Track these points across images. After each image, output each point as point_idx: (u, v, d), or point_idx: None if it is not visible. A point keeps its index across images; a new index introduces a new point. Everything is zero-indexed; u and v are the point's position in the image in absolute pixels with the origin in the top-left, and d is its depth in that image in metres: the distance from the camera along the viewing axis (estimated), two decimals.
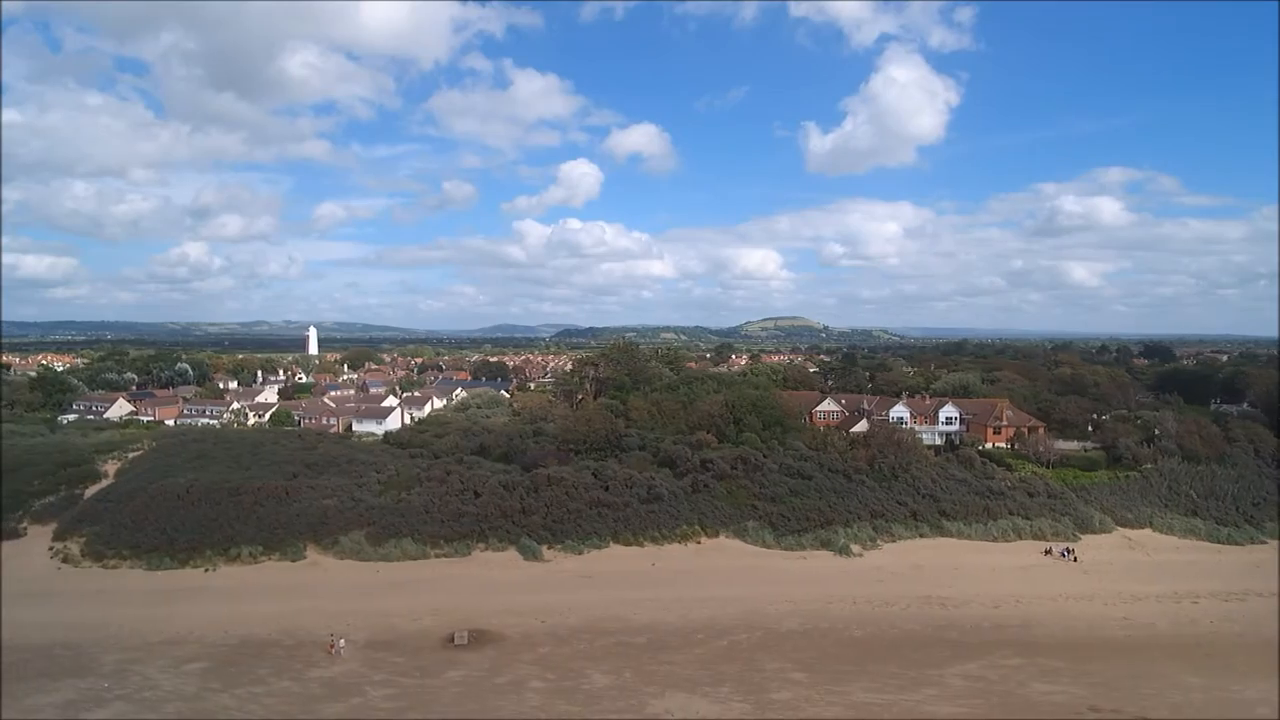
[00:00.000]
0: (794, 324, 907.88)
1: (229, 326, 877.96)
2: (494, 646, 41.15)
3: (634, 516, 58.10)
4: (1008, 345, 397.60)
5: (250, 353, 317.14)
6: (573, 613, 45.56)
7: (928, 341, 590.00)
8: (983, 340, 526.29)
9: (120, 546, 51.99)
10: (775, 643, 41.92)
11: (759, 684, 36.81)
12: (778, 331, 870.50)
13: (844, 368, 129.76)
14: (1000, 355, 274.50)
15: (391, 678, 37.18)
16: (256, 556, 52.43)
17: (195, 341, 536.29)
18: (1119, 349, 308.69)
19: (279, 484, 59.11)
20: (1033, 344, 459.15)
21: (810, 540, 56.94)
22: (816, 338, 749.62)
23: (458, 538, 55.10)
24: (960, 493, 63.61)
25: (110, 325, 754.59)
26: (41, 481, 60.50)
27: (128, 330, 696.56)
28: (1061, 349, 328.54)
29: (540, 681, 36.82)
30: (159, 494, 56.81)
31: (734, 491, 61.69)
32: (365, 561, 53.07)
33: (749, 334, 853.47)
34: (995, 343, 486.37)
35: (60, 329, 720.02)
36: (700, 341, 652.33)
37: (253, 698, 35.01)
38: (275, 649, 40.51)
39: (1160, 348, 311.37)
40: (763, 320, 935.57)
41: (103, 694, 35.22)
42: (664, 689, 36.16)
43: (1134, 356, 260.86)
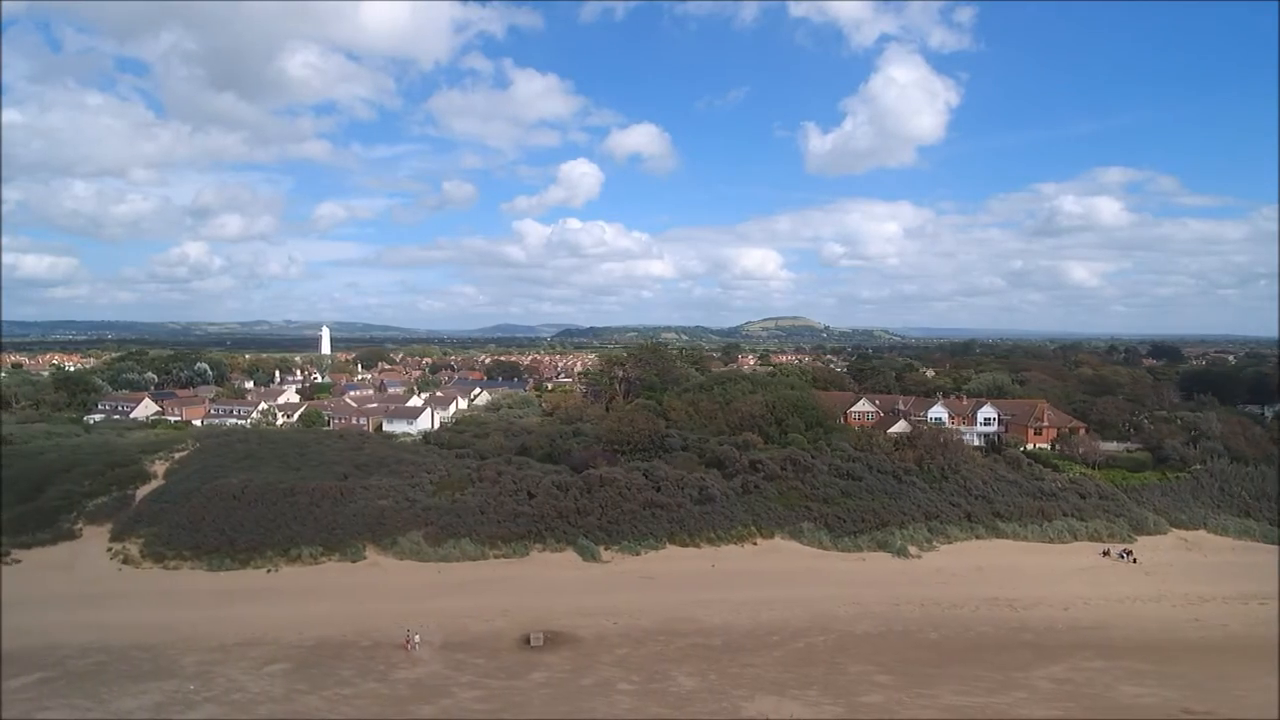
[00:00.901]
0: (795, 324, 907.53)
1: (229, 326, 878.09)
2: (570, 648, 40.94)
3: (688, 518, 57.88)
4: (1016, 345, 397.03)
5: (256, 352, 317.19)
6: (642, 614, 45.35)
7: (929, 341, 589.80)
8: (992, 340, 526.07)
9: (180, 547, 51.82)
10: (852, 645, 41.69)
11: (846, 687, 36.57)
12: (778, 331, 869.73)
13: (873, 368, 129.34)
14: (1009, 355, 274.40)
15: (477, 679, 36.99)
16: (317, 557, 52.24)
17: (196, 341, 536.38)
18: (1127, 349, 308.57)
19: (333, 484, 58.92)
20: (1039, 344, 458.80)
21: (866, 542, 56.68)
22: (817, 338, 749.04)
23: (515, 538, 54.91)
24: (1012, 494, 63.33)
25: (110, 325, 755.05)
26: (92, 482, 60.28)
27: (128, 330, 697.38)
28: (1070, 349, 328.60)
29: (627, 684, 36.60)
30: (214, 494, 56.64)
31: (785, 493, 61.44)
32: (425, 562, 52.89)
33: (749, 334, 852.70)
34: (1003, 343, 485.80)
35: (61, 328, 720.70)
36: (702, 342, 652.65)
37: (343, 699, 34.82)
38: (353, 650, 40.34)
39: (1168, 348, 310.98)
40: (763, 320, 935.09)
41: (190, 696, 35.03)
42: (752, 691, 35.95)
43: (1142, 357, 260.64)
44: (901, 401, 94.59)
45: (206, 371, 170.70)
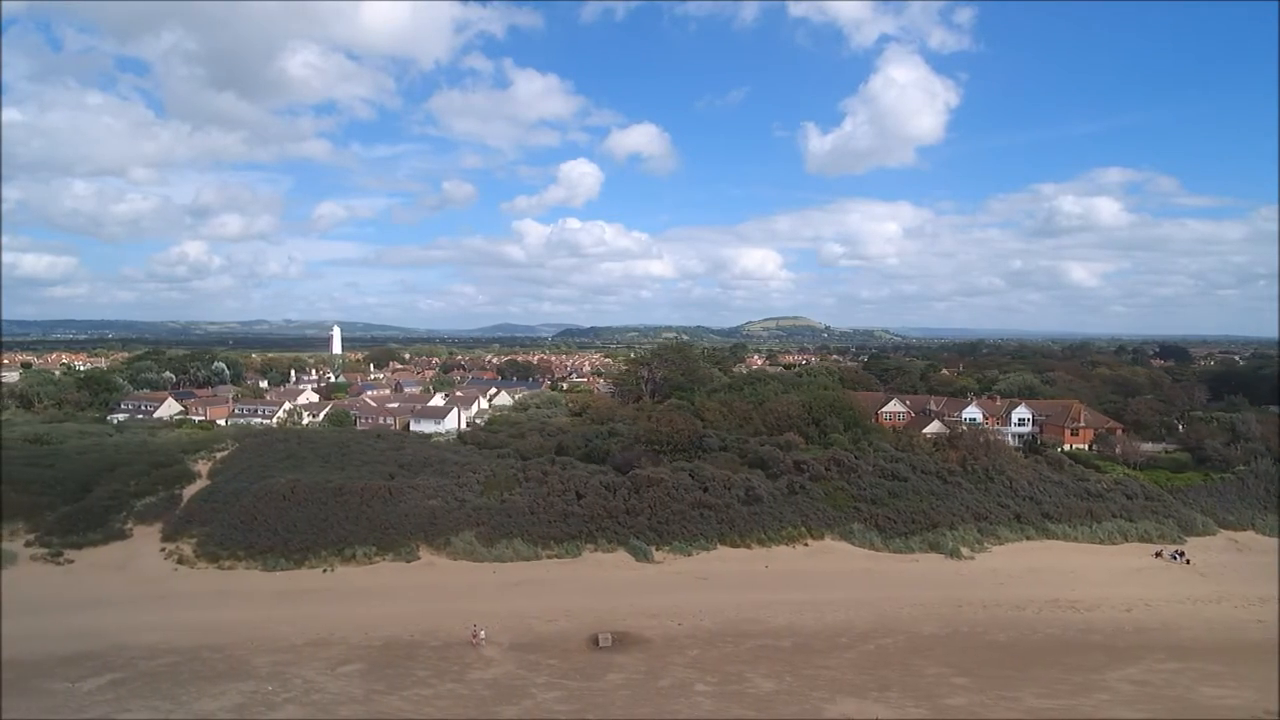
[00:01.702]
0: (795, 324, 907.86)
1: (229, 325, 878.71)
2: (640, 649, 40.74)
3: (737, 518, 57.68)
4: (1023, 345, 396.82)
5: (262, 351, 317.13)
6: (704, 615, 45.14)
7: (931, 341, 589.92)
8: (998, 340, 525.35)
9: (234, 547, 51.66)
10: (922, 647, 41.44)
11: (926, 690, 36.33)
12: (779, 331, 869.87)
13: (899, 369, 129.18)
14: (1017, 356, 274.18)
15: (553, 680, 36.78)
16: (371, 557, 52.10)
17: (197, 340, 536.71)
18: (1135, 350, 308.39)
19: (381, 484, 58.76)
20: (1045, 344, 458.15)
21: (918, 543, 56.44)
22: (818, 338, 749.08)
23: (567, 538, 54.74)
24: (1059, 495, 63.09)
25: (110, 324, 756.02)
26: (138, 481, 60.19)
27: (128, 329, 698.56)
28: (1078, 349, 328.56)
29: (704, 685, 36.39)
30: (264, 494, 56.48)
31: (832, 493, 61.22)
32: (479, 562, 52.74)
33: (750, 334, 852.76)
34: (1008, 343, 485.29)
35: (60, 327, 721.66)
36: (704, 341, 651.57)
37: (424, 700, 34.65)
38: (423, 650, 40.17)
39: (1176, 349, 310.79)
40: (764, 320, 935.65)
41: (270, 697, 34.87)
42: (831, 694, 35.73)
43: (1150, 357, 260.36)
44: (933, 402, 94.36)
45: (223, 371, 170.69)
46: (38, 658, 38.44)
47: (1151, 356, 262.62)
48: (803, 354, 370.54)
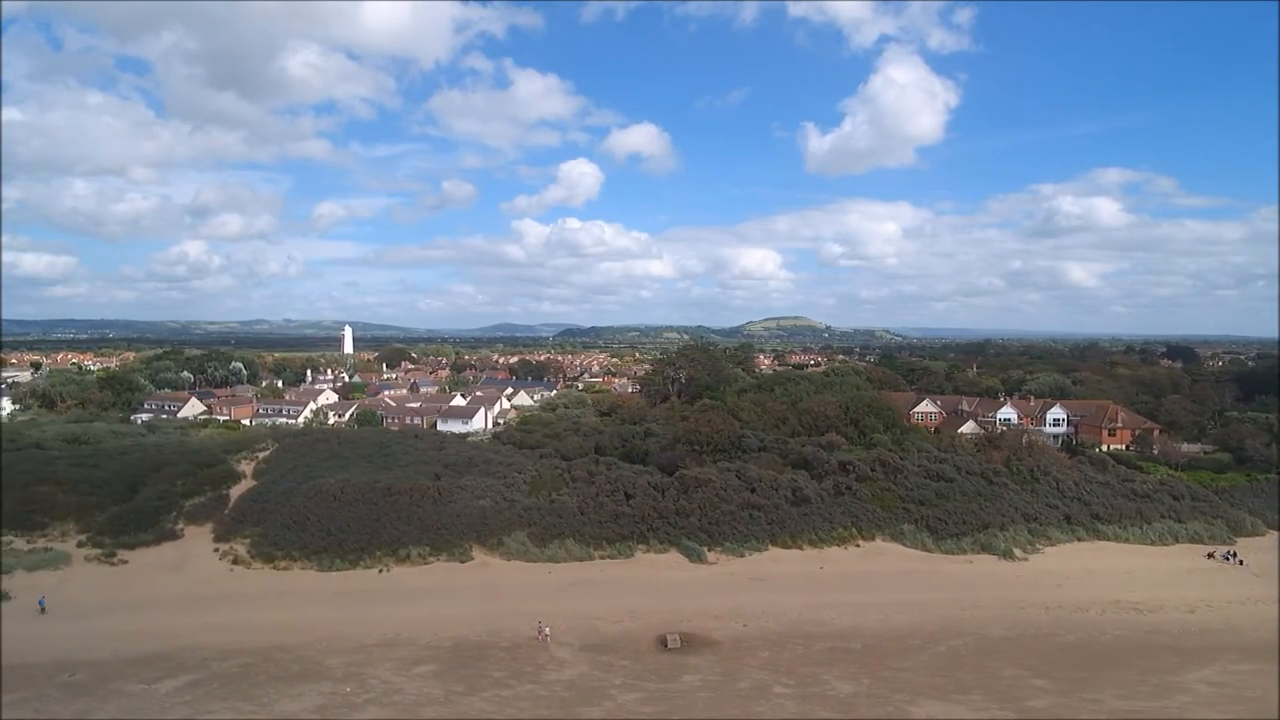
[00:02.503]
0: (796, 324, 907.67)
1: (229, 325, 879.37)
2: (710, 651, 40.55)
3: (787, 519, 57.50)
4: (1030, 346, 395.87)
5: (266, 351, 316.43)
6: (767, 616, 44.96)
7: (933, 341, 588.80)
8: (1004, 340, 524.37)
9: (288, 548, 51.53)
10: (993, 649, 41.23)
11: (1006, 692, 36.13)
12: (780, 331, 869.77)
13: (925, 369, 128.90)
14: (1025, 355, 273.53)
15: (629, 682, 36.61)
16: (425, 557, 51.97)
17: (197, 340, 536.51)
18: (1142, 350, 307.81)
19: (429, 484, 58.61)
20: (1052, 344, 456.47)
21: (969, 544, 56.23)
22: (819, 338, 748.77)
23: (619, 539, 54.60)
24: (1106, 495, 62.89)
25: (110, 324, 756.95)
26: (185, 482, 60.04)
27: (128, 329, 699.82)
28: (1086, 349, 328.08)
29: (782, 687, 36.20)
30: (314, 494, 56.36)
31: (879, 494, 61.02)
32: (533, 562, 52.59)
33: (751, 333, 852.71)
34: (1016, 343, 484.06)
35: (60, 327, 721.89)
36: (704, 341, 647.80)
37: (505, 701, 34.49)
38: (493, 651, 40.02)
39: (1183, 349, 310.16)
40: (764, 320, 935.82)
41: (350, 698, 34.72)
42: (912, 696, 35.53)
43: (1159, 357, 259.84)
44: (965, 402, 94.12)
45: (240, 371, 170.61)
46: (106, 659, 38.40)
47: (1160, 356, 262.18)
48: (806, 354, 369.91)
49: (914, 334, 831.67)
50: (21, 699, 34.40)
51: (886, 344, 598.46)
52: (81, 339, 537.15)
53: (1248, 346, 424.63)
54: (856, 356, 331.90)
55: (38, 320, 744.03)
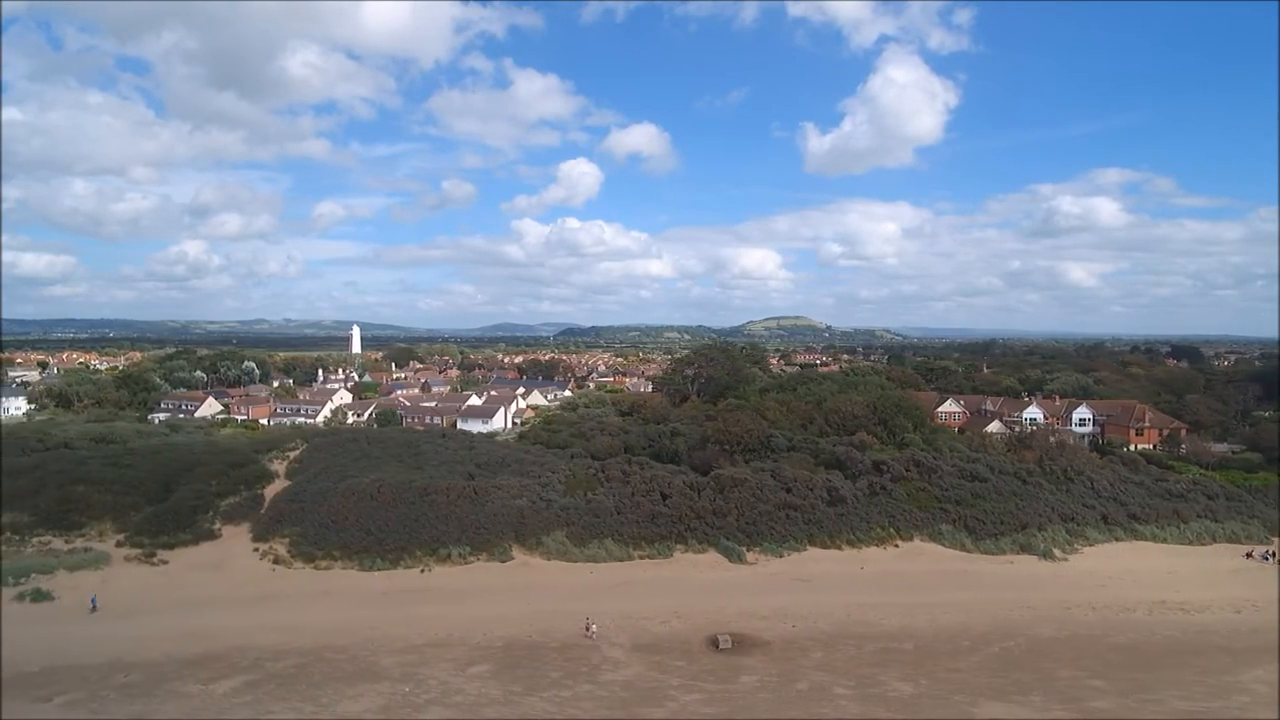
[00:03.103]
0: (796, 324, 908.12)
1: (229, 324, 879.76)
2: (762, 651, 40.40)
3: (824, 519, 57.35)
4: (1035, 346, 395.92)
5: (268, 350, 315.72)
6: (814, 617, 44.78)
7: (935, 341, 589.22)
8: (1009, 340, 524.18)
9: (328, 547, 51.45)
10: (1045, 650, 41.04)
11: (1065, 692, 35.97)
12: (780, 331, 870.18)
13: (944, 368, 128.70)
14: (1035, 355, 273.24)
15: (687, 682, 36.45)
16: (465, 557, 51.86)
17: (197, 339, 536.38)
18: (1149, 349, 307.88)
19: (463, 484, 58.50)
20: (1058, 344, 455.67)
21: (1008, 544, 56.06)
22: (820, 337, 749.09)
23: (657, 539, 54.49)
24: (1141, 495, 62.76)
25: (110, 323, 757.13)
26: (219, 481, 59.95)
27: (128, 328, 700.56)
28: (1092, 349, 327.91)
29: (842, 689, 36.03)
30: (350, 494, 56.28)
31: (914, 494, 60.87)
32: (572, 563, 52.49)
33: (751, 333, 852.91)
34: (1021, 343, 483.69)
35: (60, 326, 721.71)
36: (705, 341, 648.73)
37: (565, 701, 34.35)
38: (544, 651, 39.90)
39: (1189, 349, 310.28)
40: (765, 320, 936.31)
41: (410, 698, 34.60)
42: (973, 697, 35.36)
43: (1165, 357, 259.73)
44: (989, 402, 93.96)
45: (253, 370, 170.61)
46: (158, 659, 38.26)
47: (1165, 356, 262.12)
48: (810, 353, 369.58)
49: (914, 334, 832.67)
50: (77, 700, 34.29)
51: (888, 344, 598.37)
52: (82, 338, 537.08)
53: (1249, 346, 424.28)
54: (860, 356, 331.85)
55: (38, 320, 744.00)
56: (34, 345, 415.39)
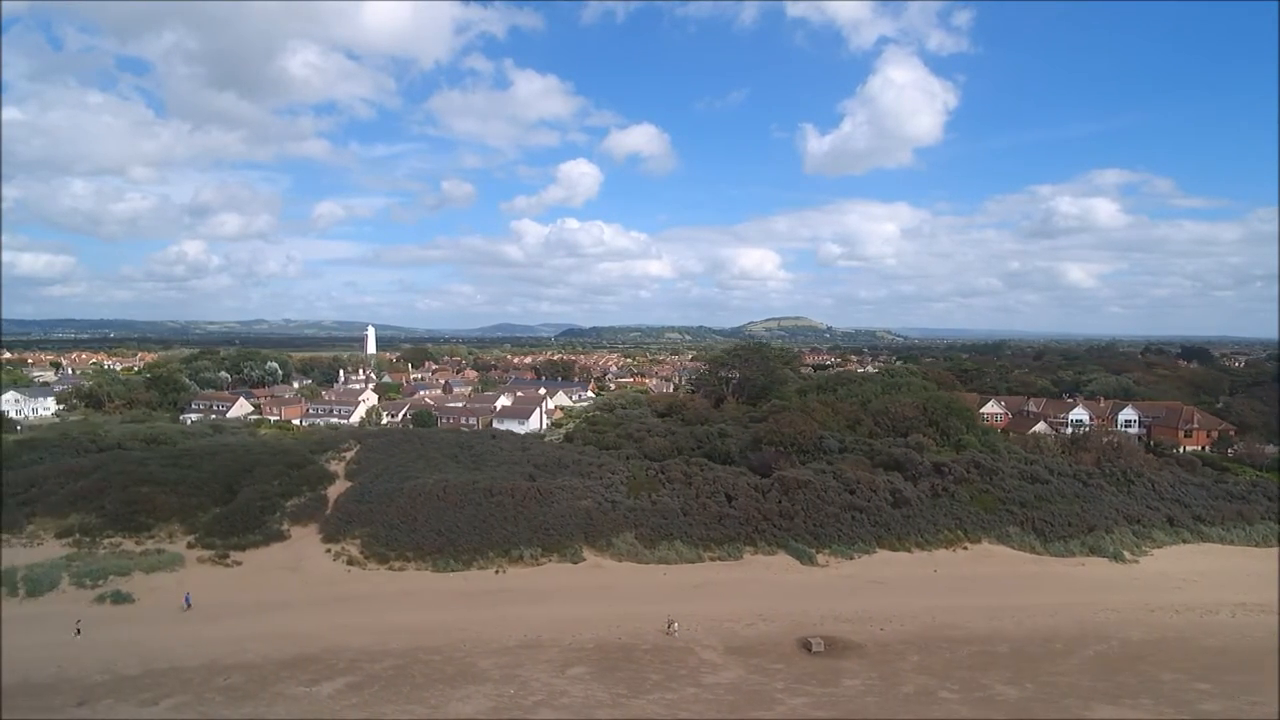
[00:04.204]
0: (797, 324, 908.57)
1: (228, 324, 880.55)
2: (856, 655, 40.19)
3: (891, 521, 57.12)
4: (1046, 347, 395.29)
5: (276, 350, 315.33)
6: (899, 619, 44.57)
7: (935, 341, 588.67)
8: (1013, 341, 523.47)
9: (401, 548, 51.30)
10: (1141, 652, 40.79)
11: (1172, 696, 35.74)
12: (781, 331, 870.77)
13: (978, 369, 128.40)
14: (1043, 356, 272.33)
15: (791, 685, 36.26)
16: (537, 558, 51.70)
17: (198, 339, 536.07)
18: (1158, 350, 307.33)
19: (528, 485, 58.31)
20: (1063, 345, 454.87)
21: (1077, 546, 55.78)
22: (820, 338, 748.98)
23: (726, 540, 54.31)
24: (1203, 497, 62.49)
25: (109, 324, 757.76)
26: (280, 482, 59.81)
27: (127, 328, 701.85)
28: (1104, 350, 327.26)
29: (947, 693, 35.82)
30: (417, 495, 56.12)
31: (976, 496, 60.62)
32: (644, 564, 52.31)
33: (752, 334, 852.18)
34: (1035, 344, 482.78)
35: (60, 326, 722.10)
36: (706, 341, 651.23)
37: (674, 704, 34.16)
38: (638, 652, 39.75)
39: (1199, 349, 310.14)
40: (765, 320, 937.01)
41: (517, 700, 34.45)
42: (1084, 700, 35.14)
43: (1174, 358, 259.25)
44: (1032, 403, 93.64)
45: (276, 371, 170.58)
46: (254, 661, 38.15)
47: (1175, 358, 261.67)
48: (815, 354, 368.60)
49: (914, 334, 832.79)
50: (183, 703, 34.17)
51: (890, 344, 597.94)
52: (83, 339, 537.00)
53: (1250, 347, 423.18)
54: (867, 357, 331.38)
55: (38, 320, 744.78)
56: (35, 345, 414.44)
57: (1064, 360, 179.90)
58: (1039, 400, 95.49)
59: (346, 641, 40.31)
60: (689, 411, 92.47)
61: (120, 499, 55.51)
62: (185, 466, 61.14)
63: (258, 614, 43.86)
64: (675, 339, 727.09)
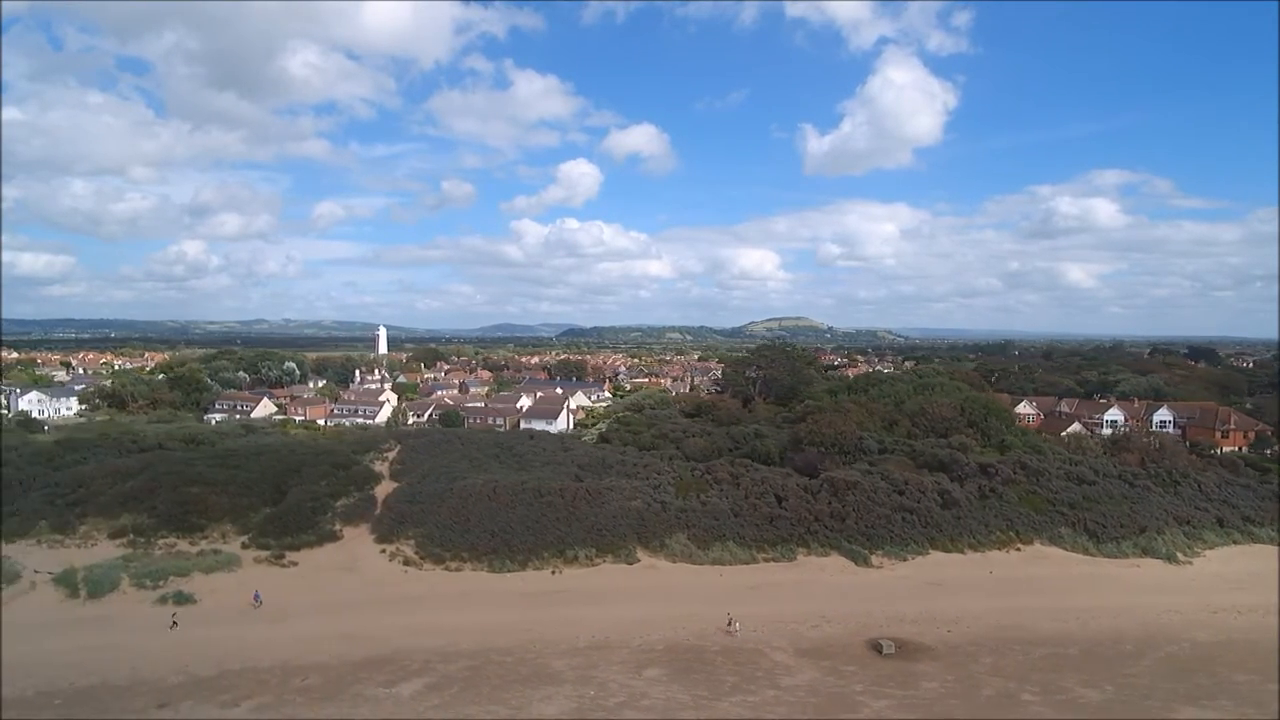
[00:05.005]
0: (798, 324, 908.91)
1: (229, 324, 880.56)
2: (929, 657, 40.08)
3: (942, 522, 56.99)
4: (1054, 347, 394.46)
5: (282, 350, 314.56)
6: (964, 621, 44.44)
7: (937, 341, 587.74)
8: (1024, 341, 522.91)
9: (456, 549, 51.24)
10: (1211, 654, 40.65)
11: (1250, 697, 35.61)
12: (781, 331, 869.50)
13: (1004, 370, 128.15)
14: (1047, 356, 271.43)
15: (871, 688, 36.15)
16: (592, 559, 51.65)
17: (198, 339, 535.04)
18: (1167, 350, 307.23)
19: (576, 485, 58.23)
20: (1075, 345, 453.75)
21: (1129, 547, 55.63)
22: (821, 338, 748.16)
23: (779, 541, 54.21)
24: (1250, 498, 62.35)
25: (109, 323, 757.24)
26: (328, 482, 59.78)
27: (127, 328, 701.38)
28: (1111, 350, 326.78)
29: (1029, 695, 35.72)
30: (467, 495, 56.08)
31: (1024, 497, 60.47)
32: (698, 565, 52.23)
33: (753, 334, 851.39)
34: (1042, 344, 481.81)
35: (60, 326, 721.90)
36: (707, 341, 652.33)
37: (756, 706, 34.09)
38: (709, 654, 39.70)
39: (1206, 350, 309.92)
40: (766, 320, 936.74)
41: (598, 701, 34.41)
42: (1165, 702, 35.05)
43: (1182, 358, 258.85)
44: (1064, 404, 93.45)
45: (294, 371, 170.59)
46: (328, 662, 38.11)
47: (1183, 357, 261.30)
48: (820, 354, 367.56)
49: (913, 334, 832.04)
50: (264, 704, 34.14)
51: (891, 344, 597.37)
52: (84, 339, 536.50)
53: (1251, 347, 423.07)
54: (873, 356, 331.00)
55: (37, 320, 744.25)
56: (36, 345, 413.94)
57: (1083, 361, 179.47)
58: (1071, 401, 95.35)
59: (416, 642, 40.26)
60: (720, 412, 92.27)
61: (172, 499, 55.49)
62: (232, 467, 61.08)
63: (321, 614, 43.80)
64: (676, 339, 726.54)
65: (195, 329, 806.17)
